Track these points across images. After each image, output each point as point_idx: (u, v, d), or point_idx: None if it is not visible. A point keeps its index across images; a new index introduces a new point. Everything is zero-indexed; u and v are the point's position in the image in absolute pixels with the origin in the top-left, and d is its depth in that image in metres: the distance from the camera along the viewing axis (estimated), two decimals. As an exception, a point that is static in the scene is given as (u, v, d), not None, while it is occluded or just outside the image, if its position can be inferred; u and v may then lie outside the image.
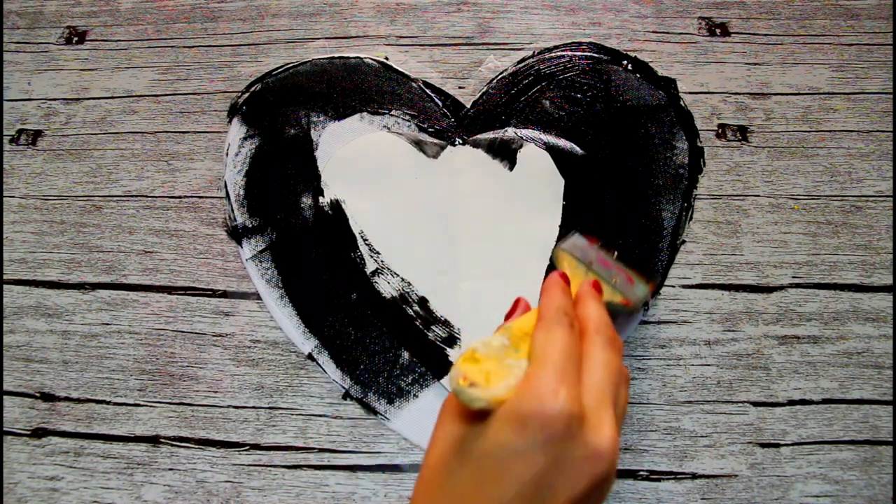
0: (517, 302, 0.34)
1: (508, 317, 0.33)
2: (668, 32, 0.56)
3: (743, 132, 0.52)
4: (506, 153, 0.51)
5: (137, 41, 0.59)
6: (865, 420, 0.44)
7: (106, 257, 0.51)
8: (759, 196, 0.50)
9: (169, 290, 0.50)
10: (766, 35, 0.56)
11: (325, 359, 0.46)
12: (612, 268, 0.35)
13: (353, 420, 0.45)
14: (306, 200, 0.50)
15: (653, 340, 0.46)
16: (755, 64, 0.55)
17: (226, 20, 0.59)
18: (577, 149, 0.50)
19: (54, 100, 0.57)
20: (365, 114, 0.53)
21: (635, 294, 0.36)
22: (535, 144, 0.51)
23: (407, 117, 0.52)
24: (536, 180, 0.50)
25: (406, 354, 0.46)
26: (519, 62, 0.54)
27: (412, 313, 0.47)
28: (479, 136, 0.51)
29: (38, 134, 0.56)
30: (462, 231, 0.49)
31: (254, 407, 0.46)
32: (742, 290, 0.48)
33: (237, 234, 0.50)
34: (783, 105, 0.53)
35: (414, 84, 0.54)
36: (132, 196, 0.53)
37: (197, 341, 0.48)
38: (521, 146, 0.51)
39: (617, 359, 0.28)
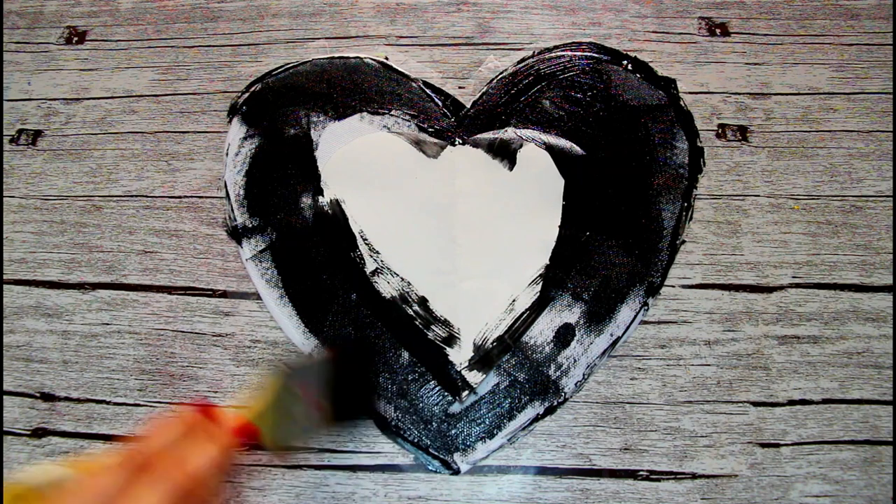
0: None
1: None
2: (668, 32, 0.56)
3: (743, 132, 0.52)
4: (506, 153, 0.51)
5: (137, 41, 0.59)
6: (865, 420, 0.44)
7: (106, 257, 0.51)
8: (759, 196, 0.50)
9: (169, 290, 0.50)
10: (766, 35, 0.56)
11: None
12: (311, 406, 0.34)
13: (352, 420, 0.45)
14: (306, 200, 0.50)
15: (653, 340, 0.46)
16: (755, 64, 0.55)
17: (226, 20, 0.59)
18: (577, 149, 0.50)
19: (54, 100, 0.57)
20: (365, 114, 0.53)
21: (298, 439, 0.35)
22: (535, 144, 0.51)
23: (407, 117, 0.52)
24: (536, 180, 0.50)
25: (406, 354, 0.46)
26: (519, 62, 0.54)
27: (412, 313, 0.47)
28: (479, 136, 0.51)
29: (38, 134, 0.56)
30: (462, 231, 0.49)
31: (254, 407, 0.46)
32: (742, 290, 0.48)
33: (237, 234, 0.50)
34: (783, 105, 0.53)
35: (414, 84, 0.54)
36: (132, 196, 0.53)
37: (197, 341, 0.48)
38: (521, 146, 0.51)
39: (154, 497, 0.25)
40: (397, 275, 0.48)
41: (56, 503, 0.25)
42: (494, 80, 0.53)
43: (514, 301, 0.47)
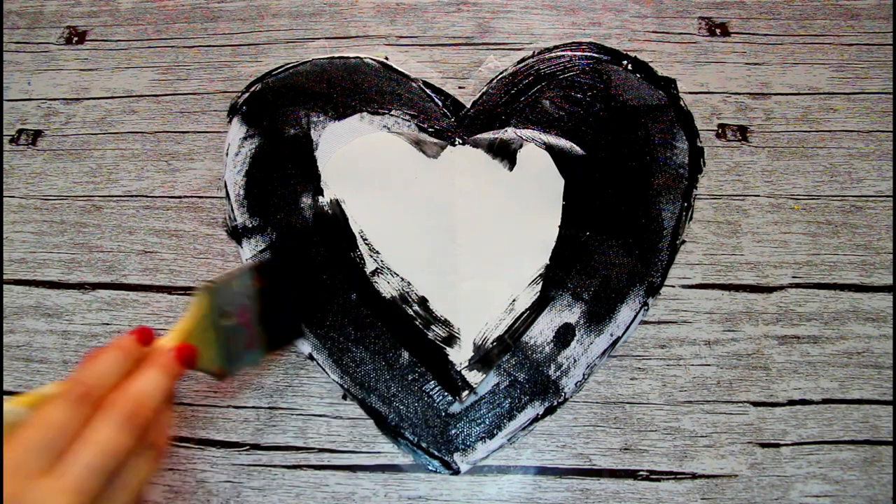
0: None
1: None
2: (668, 32, 0.56)
3: (743, 132, 0.52)
4: (506, 153, 0.51)
5: (137, 41, 0.59)
6: (865, 420, 0.44)
7: (106, 257, 0.51)
8: (759, 196, 0.50)
9: (169, 290, 0.50)
10: (766, 35, 0.56)
11: (324, 358, 0.46)
12: (243, 326, 0.33)
13: (352, 420, 0.45)
14: (306, 200, 0.50)
15: (653, 340, 0.46)
16: (755, 64, 0.55)
17: (226, 20, 0.59)
18: (577, 149, 0.50)
19: (54, 100, 0.57)
20: (365, 114, 0.53)
21: (240, 361, 0.34)
22: (535, 144, 0.51)
23: (407, 117, 0.52)
24: (536, 180, 0.50)
25: (406, 354, 0.46)
26: (519, 62, 0.54)
27: (412, 313, 0.47)
28: (479, 136, 0.51)
29: (38, 134, 0.56)
30: (462, 231, 0.49)
31: (254, 407, 0.46)
32: (742, 290, 0.48)
33: (237, 234, 0.50)
34: (783, 105, 0.53)
35: (414, 84, 0.54)
36: (132, 196, 0.53)
37: (197, 341, 0.48)
38: (521, 146, 0.51)
39: (118, 438, 0.25)
40: (397, 275, 0.48)
41: (9, 440, 0.24)
42: (494, 80, 0.53)
43: (514, 301, 0.47)
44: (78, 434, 0.25)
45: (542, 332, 0.46)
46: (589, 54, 0.54)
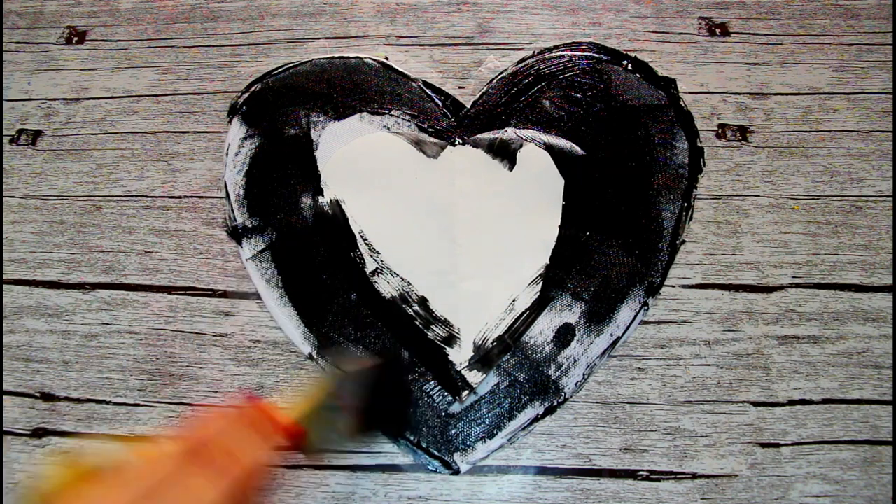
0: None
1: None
2: (668, 32, 0.56)
3: (743, 132, 0.52)
4: (506, 153, 0.51)
5: (137, 41, 0.59)
6: (865, 420, 0.44)
7: (106, 257, 0.51)
8: (759, 196, 0.50)
9: (169, 290, 0.50)
10: (766, 35, 0.56)
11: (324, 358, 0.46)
12: (344, 413, 0.33)
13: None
14: (306, 200, 0.50)
15: (653, 340, 0.46)
16: (755, 64, 0.55)
17: (226, 20, 0.59)
18: (577, 149, 0.50)
19: (54, 100, 0.57)
20: (365, 114, 0.53)
21: (328, 443, 0.34)
22: (535, 144, 0.51)
23: (407, 117, 0.52)
24: (536, 180, 0.50)
25: (406, 354, 0.46)
26: (519, 62, 0.54)
27: (412, 313, 0.47)
28: (479, 136, 0.51)
29: (38, 134, 0.56)
30: (462, 231, 0.49)
31: (254, 407, 0.46)
32: (742, 290, 0.48)
33: (237, 234, 0.50)
34: (783, 105, 0.53)
35: (414, 84, 0.54)
36: (132, 196, 0.53)
37: (197, 341, 0.48)
38: (521, 146, 0.51)
39: (210, 488, 0.25)
40: (397, 275, 0.48)
41: (112, 485, 0.24)
42: (494, 80, 0.53)
43: (514, 301, 0.47)
44: (179, 482, 0.25)
45: (542, 332, 0.46)
46: (589, 54, 0.54)
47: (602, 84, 0.52)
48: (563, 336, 0.46)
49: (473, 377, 0.45)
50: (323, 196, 0.50)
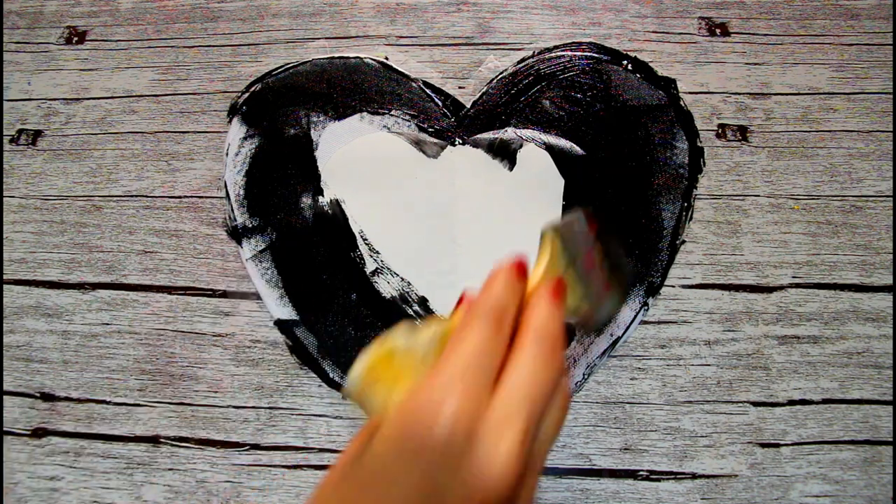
0: (462, 296, 0.28)
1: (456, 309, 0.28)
2: (668, 32, 0.56)
3: (743, 132, 0.52)
4: (506, 153, 0.51)
5: (137, 41, 0.59)
6: (865, 420, 0.44)
7: (106, 257, 0.51)
8: (759, 196, 0.50)
9: (169, 290, 0.50)
10: (766, 35, 0.56)
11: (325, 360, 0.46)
12: (594, 269, 0.30)
13: (352, 420, 0.45)
14: (306, 200, 0.50)
15: (653, 340, 0.46)
16: (755, 64, 0.55)
17: (226, 20, 0.59)
18: (577, 149, 0.50)
19: (54, 100, 0.57)
20: (365, 114, 0.53)
21: (603, 309, 0.30)
22: (535, 144, 0.51)
23: (407, 117, 0.52)
24: (536, 180, 0.50)
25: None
26: (519, 62, 0.54)
27: (412, 313, 0.47)
28: (479, 136, 0.51)
29: (38, 134, 0.56)
30: (462, 231, 0.49)
31: (254, 407, 0.46)
32: (742, 290, 0.48)
33: (237, 234, 0.50)
34: (783, 105, 0.53)
35: (414, 84, 0.54)
36: (132, 196, 0.53)
37: (197, 341, 0.48)
38: (520, 146, 0.51)
39: (549, 373, 0.23)
40: (397, 275, 0.48)
41: (436, 363, 0.23)
42: (494, 80, 0.53)
43: (514, 301, 0.47)
44: (504, 360, 0.23)
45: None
46: (589, 54, 0.54)
47: (602, 84, 0.52)
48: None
49: (473, 377, 0.45)
50: (323, 196, 0.50)
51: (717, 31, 0.56)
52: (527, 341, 0.23)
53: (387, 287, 0.48)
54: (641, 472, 0.43)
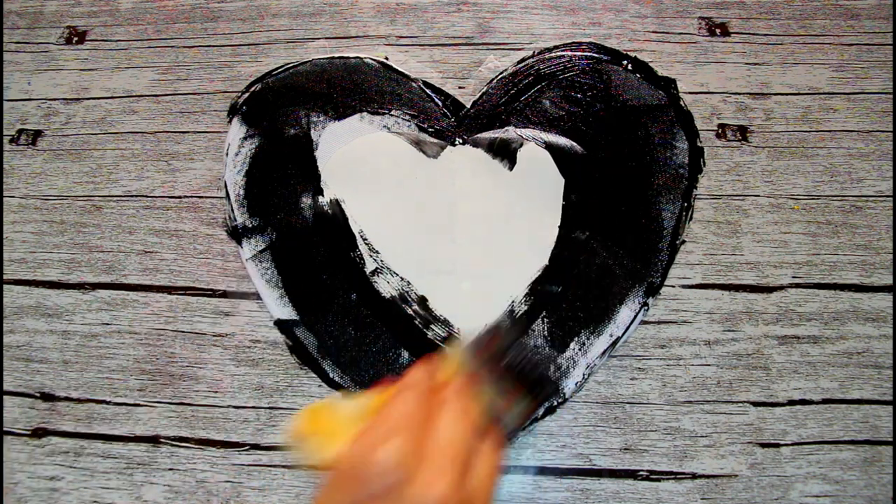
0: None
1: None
2: (668, 32, 0.56)
3: (743, 132, 0.52)
4: (506, 153, 0.51)
5: (137, 41, 0.59)
6: (865, 420, 0.44)
7: (106, 257, 0.51)
8: (759, 196, 0.50)
9: (169, 290, 0.50)
10: (766, 35, 0.56)
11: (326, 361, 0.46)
12: (499, 377, 0.32)
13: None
14: (306, 200, 0.50)
15: (653, 340, 0.46)
16: (755, 64, 0.55)
17: (226, 20, 0.59)
18: (578, 148, 0.50)
19: (54, 100, 0.57)
20: (365, 114, 0.53)
21: (516, 406, 0.32)
22: (535, 144, 0.51)
23: (407, 117, 0.52)
24: (536, 180, 0.50)
25: (406, 354, 0.46)
26: (519, 62, 0.54)
27: (411, 313, 0.47)
28: (479, 136, 0.51)
29: (38, 134, 0.56)
30: (462, 230, 0.49)
31: (254, 407, 0.46)
32: (742, 290, 0.48)
33: (237, 234, 0.50)
34: (783, 105, 0.53)
35: (414, 84, 0.54)
36: (132, 196, 0.53)
37: (197, 341, 0.48)
38: (521, 146, 0.51)
39: (469, 423, 0.26)
40: (397, 275, 0.48)
41: (368, 424, 0.26)
42: (494, 80, 0.53)
43: (513, 301, 0.47)
44: (428, 420, 0.26)
45: (541, 332, 0.46)
46: (589, 54, 0.54)
47: (602, 84, 0.52)
48: (563, 336, 0.46)
49: (473, 377, 0.45)
50: (323, 196, 0.50)
51: (717, 31, 0.56)
52: (447, 403, 0.27)
53: (387, 287, 0.48)
54: (641, 472, 0.43)
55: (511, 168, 0.50)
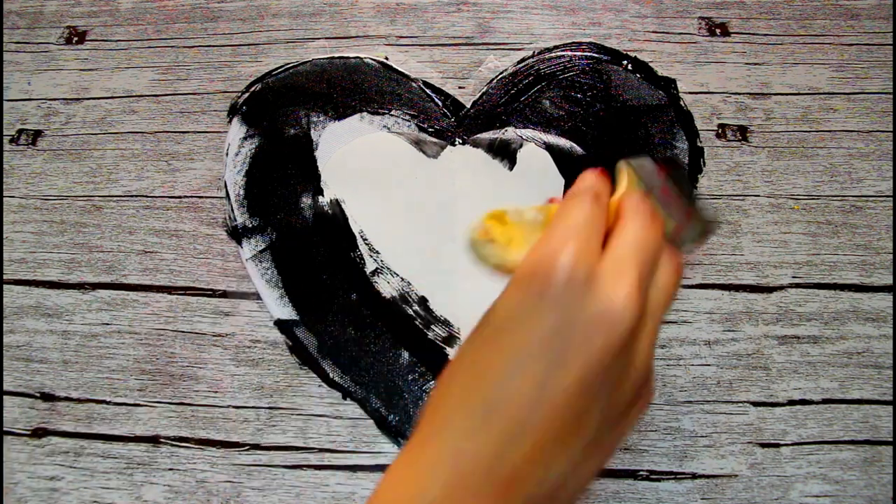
0: (552, 199, 0.31)
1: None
2: (668, 32, 0.56)
3: (743, 132, 0.52)
4: (506, 153, 0.51)
5: (137, 41, 0.59)
6: (865, 420, 0.44)
7: (106, 257, 0.51)
8: (759, 196, 0.50)
9: (169, 290, 0.50)
10: (766, 35, 0.56)
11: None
12: (672, 200, 0.31)
13: (353, 420, 0.45)
14: (306, 200, 0.50)
15: (653, 340, 0.46)
16: (755, 64, 0.55)
17: (226, 20, 0.59)
18: (578, 148, 0.50)
19: (54, 100, 0.57)
20: (365, 114, 0.53)
21: (687, 232, 0.31)
22: (535, 144, 0.51)
23: (407, 117, 0.52)
24: (536, 180, 0.50)
25: (406, 354, 0.46)
26: (519, 62, 0.54)
27: (412, 313, 0.47)
28: (479, 136, 0.51)
29: (38, 134, 0.56)
30: (462, 230, 0.49)
31: (254, 407, 0.46)
32: (742, 290, 0.48)
33: (237, 234, 0.50)
34: (783, 105, 0.53)
35: (414, 84, 0.54)
36: (132, 196, 0.53)
37: (197, 341, 0.48)
38: (520, 146, 0.51)
39: (650, 234, 0.24)
40: (397, 275, 0.48)
41: (548, 231, 0.24)
42: (494, 80, 0.53)
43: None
44: (608, 229, 0.25)
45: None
46: (589, 54, 0.54)
47: (602, 84, 0.52)
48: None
49: (473, 377, 0.45)
50: (323, 196, 0.50)
51: (717, 31, 0.56)
52: (627, 214, 0.25)
53: (387, 287, 0.48)
54: (641, 472, 0.43)
55: (511, 168, 0.50)
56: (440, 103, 0.53)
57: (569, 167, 0.50)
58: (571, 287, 0.22)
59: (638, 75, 0.53)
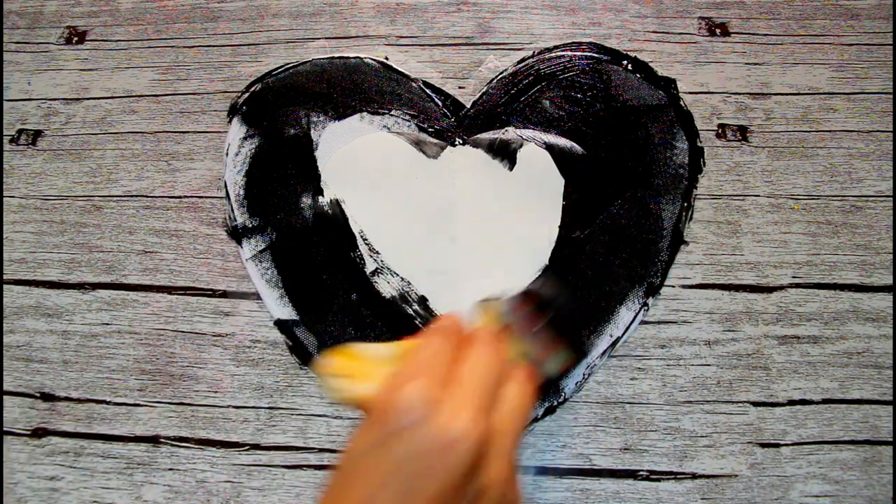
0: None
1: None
2: (668, 32, 0.56)
3: (743, 132, 0.52)
4: (506, 153, 0.51)
5: (137, 41, 0.59)
6: (865, 420, 0.44)
7: (106, 257, 0.51)
8: (759, 196, 0.50)
9: (169, 290, 0.50)
10: (766, 35, 0.56)
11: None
12: (530, 333, 0.33)
13: (353, 420, 0.45)
14: (306, 200, 0.50)
15: (653, 340, 0.46)
16: (755, 64, 0.55)
17: (226, 20, 0.59)
18: (578, 148, 0.50)
19: (54, 100, 0.57)
20: (365, 114, 0.53)
21: (547, 365, 0.33)
22: (535, 144, 0.51)
23: (407, 117, 0.52)
24: (536, 180, 0.50)
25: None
26: (519, 62, 0.54)
27: (412, 313, 0.47)
28: (479, 136, 0.51)
29: (38, 134, 0.56)
30: (462, 231, 0.49)
31: (254, 407, 0.46)
32: (742, 290, 0.48)
33: (237, 234, 0.50)
34: (783, 105, 0.53)
35: (414, 84, 0.54)
36: (132, 196, 0.53)
37: (197, 341, 0.48)
38: (520, 146, 0.51)
39: (494, 364, 0.27)
40: (397, 275, 0.48)
41: (402, 364, 0.27)
42: (494, 80, 0.53)
43: (514, 301, 0.47)
44: (455, 361, 0.27)
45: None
46: (589, 54, 0.54)
47: (602, 84, 0.52)
48: (563, 336, 0.46)
49: (473, 377, 0.45)
50: (323, 196, 0.50)
51: (717, 31, 0.56)
52: (470, 349, 0.27)
53: (387, 287, 0.48)
54: (641, 472, 0.43)
55: (511, 168, 0.50)
56: (440, 103, 0.53)
57: (569, 167, 0.50)
58: (415, 419, 0.24)
59: (638, 75, 0.53)
